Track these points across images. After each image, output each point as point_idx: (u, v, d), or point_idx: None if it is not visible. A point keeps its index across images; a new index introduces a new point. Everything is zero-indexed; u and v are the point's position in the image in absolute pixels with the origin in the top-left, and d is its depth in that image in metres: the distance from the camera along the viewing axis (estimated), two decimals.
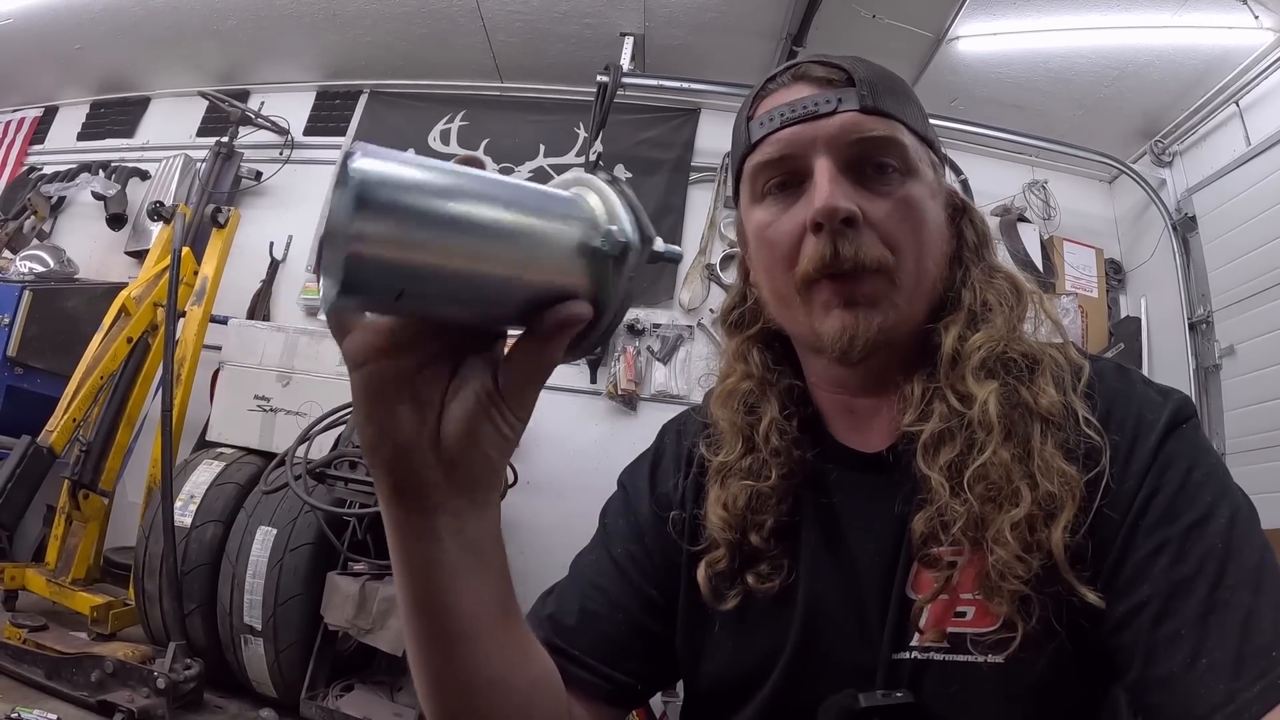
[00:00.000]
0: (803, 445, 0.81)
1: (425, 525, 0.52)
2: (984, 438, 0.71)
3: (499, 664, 0.62)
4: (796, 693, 0.77)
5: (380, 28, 4.37)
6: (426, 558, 0.54)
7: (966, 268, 0.80)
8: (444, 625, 0.58)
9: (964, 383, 0.73)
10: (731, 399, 0.85)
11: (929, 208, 0.77)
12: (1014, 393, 0.73)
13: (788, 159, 0.75)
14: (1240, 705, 0.57)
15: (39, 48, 4.78)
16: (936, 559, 0.72)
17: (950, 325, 0.77)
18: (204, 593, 2.87)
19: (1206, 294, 3.70)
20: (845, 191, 0.73)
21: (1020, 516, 0.67)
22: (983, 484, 0.70)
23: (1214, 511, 0.65)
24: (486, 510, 0.55)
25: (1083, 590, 0.66)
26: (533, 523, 3.78)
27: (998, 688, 0.69)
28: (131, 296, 3.50)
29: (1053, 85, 3.92)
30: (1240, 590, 0.61)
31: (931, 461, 0.72)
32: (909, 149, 0.75)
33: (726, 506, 0.79)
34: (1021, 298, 0.79)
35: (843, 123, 0.73)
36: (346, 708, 2.72)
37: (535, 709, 0.69)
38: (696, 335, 4.19)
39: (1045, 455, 0.69)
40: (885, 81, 0.77)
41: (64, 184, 4.96)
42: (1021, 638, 0.67)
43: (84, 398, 3.31)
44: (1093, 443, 0.70)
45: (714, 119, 4.48)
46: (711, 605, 0.81)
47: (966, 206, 0.84)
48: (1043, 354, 0.75)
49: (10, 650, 2.64)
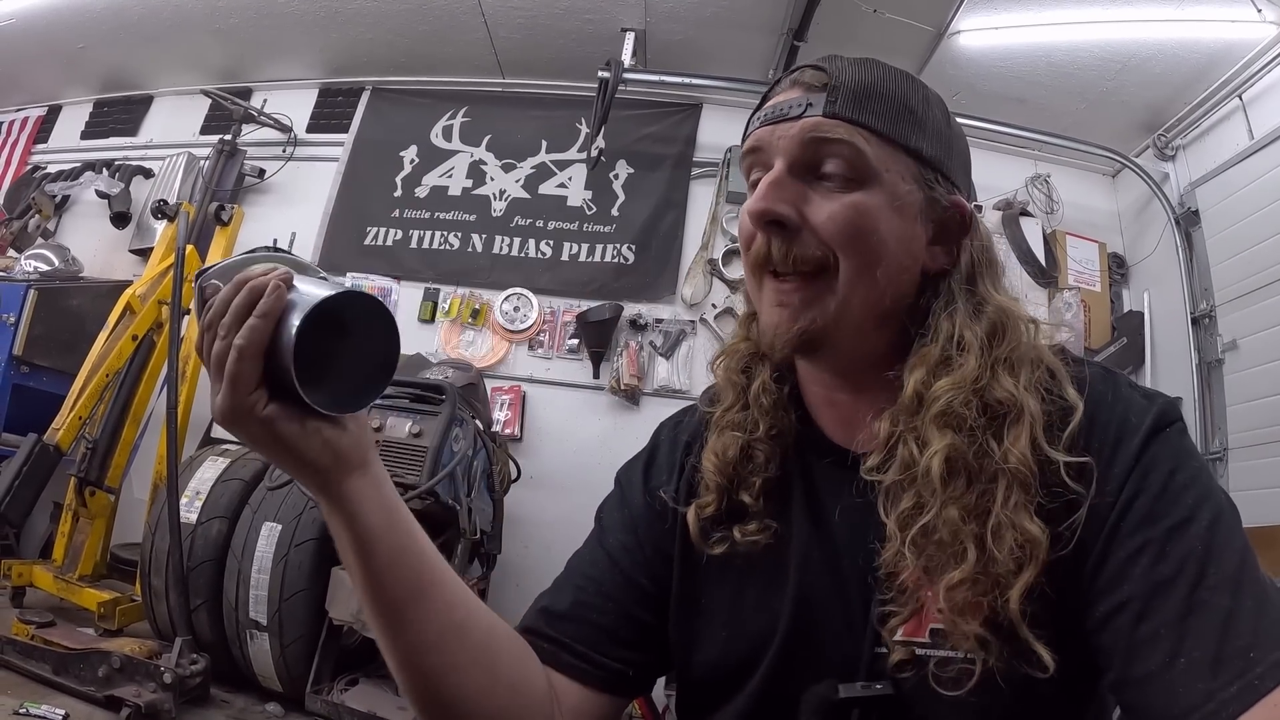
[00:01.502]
0: (789, 411, 0.84)
1: (343, 491, 0.69)
2: (929, 495, 0.70)
3: (459, 607, 0.76)
4: (785, 682, 0.78)
5: (382, 25, 4.38)
6: (351, 522, 0.70)
7: (952, 295, 0.78)
8: (414, 575, 0.73)
9: (925, 429, 0.72)
10: (731, 358, 0.89)
11: (884, 219, 0.74)
12: (976, 445, 0.71)
13: (759, 156, 0.79)
14: (1218, 705, 0.57)
15: (42, 47, 4.79)
16: (904, 587, 0.72)
17: (917, 365, 0.75)
18: (210, 588, 2.88)
19: (1209, 288, 3.69)
20: (784, 194, 0.75)
21: (959, 579, 0.67)
22: (927, 541, 0.70)
23: (1196, 514, 0.66)
24: (370, 474, 0.71)
25: (1039, 649, 0.66)
26: (535, 517, 3.80)
27: (977, 682, 0.69)
28: (136, 294, 3.51)
29: (1055, 79, 3.91)
30: (1220, 592, 0.61)
31: (890, 510, 0.73)
32: (868, 156, 0.74)
33: (718, 454, 0.83)
34: (1008, 335, 0.76)
35: (802, 126, 0.75)
36: (351, 702, 2.73)
37: (498, 657, 0.79)
38: (699, 330, 4.20)
39: (1004, 516, 0.68)
40: (872, 87, 0.76)
41: (68, 183, 4.98)
42: (981, 670, 0.68)
43: (89, 395, 3.32)
44: (1074, 496, 0.69)
45: (716, 114, 4.48)
46: (699, 547, 0.83)
47: (968, 227, 0.80)
48: (1023, 402, 0.72)
49: (18, 646, 2.65)
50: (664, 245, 4.35)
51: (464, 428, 3.01)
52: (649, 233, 4.37)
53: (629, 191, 4.46)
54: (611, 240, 4.39)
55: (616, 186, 4.48)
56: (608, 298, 4.24)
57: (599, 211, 4.45)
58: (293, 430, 0.65)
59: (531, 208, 4.51)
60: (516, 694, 0.78)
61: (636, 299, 4.25)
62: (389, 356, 0.69)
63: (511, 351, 4.28)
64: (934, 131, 0.79)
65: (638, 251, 4.35)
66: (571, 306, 4.29)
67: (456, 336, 4.30)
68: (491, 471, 3.23)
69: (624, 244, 4.37)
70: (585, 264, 4.38)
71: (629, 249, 4.36)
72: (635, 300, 4.25)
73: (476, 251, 4.46)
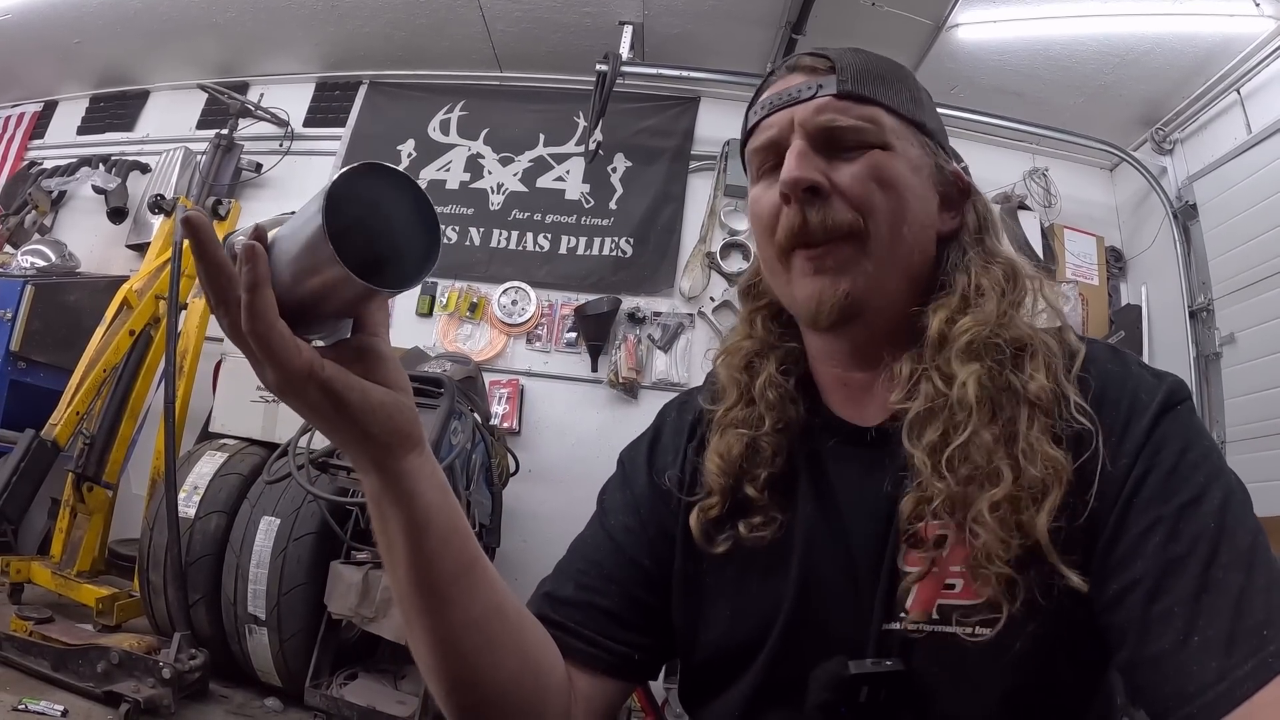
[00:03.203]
0: (797, 403, 0.84)
1: (403, 468, 0.64)
2: (964, 418, 0.72)
3: (497, 589, 0.73)
4: (791, 663, 0.77)
5: (379, 18, 4.36)
6: (410, 501, 0.65)
7: (964, 250, 0.81)
8: (453, 552, 0.69)
9: (949, 365, 0.74)
10: (733, 356, 0.89)
11: (904, 176, 0.78)
12: (1001, 376, 0.73)
13: (772, 141, 0.81)
14: (1232, 683, 0.57)
15: (38, 42, 4.77)
16: (923, 539, 0.73)
17: (939, 308, 0.78)
18: (208, 583, 2.89)
19: (1207, 282, 3.70)
20: (812, 164, 0.77)
21: (1000, 497, 0.68)
22: (963, 464, 0.71)
23: (1207, 492, 0.66)
24: (425, 452, 0.67)
25: (1067, 572, 0.67)
26: (535, 510, 3.80)
27: (986, 660, 0.69)
28: (133, 290, 3.50)
29: (1053, 72, 3.91)
30: (1233, 570, 0.61)
31: (916, 440, 0.73)
32: (885, 128, 0.78)
33: (722, 455, 0.83)
34: (1018, 283, 0.80)
35: (818, 105, 0.78)
36: (350, 696, 2.74)
37: (528, 639, 0.77)
38: (697, 323, 4.20)
39: (1031, 439, 0.70)
40: (873, 68, 0.80)
41: (64, 178, 4.97)
42: (1007, 618, 0.68)
43: (87, 391, 3.32)
44: (1083, 428, 0.71)
45: (714, 107, 4.47)
46: (702, 548, 0.83)
47: (971, 191, 0.85)
48: (1035, 339, 0.76)
49: (17, 643, 2.66)
50: (662, 238, 4.34)
51: (462, 421, 3.01)
52: (647, 226, 4.37)
53: (627, 185, 4.45)
54: (609, 234, 4.39)
55: (614, 180, 4.47)
56: (606, 291, 4.23)
57: (597, 205, 4.45)
58: (354, 396, 0.59)
59: (529, 201, 4.51)
60: (542, 675, 0.78)
61: (634, 292, 4.25)
62: (420, 206, 0.59)
63: (509, 345, 4.28)
64: (929, 109, 0.84)
65: (636, 245, 4.35)
66: (569, 300, 4.29)
67: (454, 330, 4.30)
68: (490, 465, 3.23)
69: (622, 237, 4.37)
70: (583, 257, 4.37)
71: (627, 242, 4.35)
72: (633, 293, 4.25)
73: (474, 245, 4.45)
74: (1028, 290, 0.80)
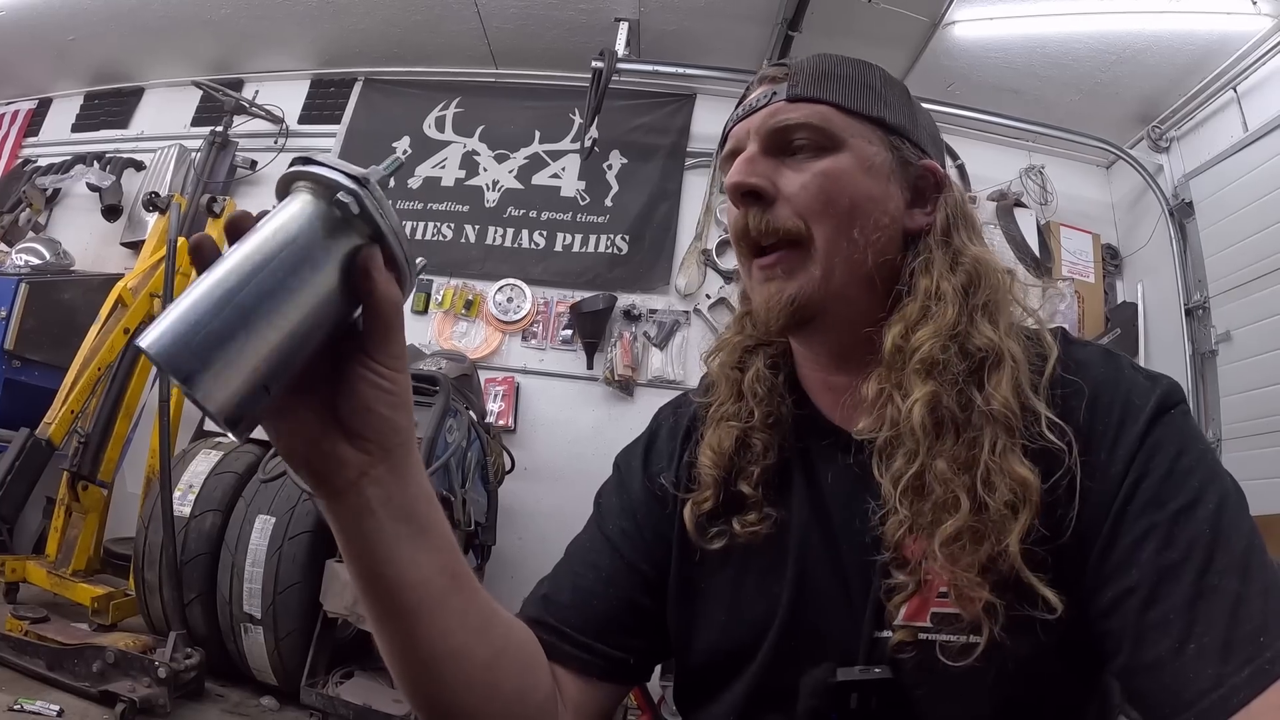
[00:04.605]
0: (785, 399, 0.84)
1: (358, 502, 0.59)
2: (914, 446, 0.71)
3: (458, 633, 0.68)
4: (785, 668, 0.77)
5: (374, 15, 4.35)
6: (365, 534, 0.60)
7: (930, 250, 0.78)
8: (397, 600, 0.64)
9: (908, 382, 0.73)
10: (724, 352, 0.90)
11: (854, 179, 0.77)
12: (960, 394, 0.71)
13: (732, 151, 0.83)
14: (1228, 690, 0.57)
15: (31, 39, 4.75)
16: (906, 560, 0.72)
17: (897, 320, 0.76)
18: (204, 582, 2.88)
19: (1203, 279, 3.70)
20: (756, 170, 0.78)
21: (952, 531, 0.67)
22: (918, 494, 0.70)
23: (1202, 497, 0.65)
24: (408, 474, 0.61)
25: (1045, 592, 0.66)
26: (530, 509, 3.80)
27: (976, 669, 0.69)
28: (128, 287, 3.49)
29: (1050, 70, 3.91)
30: (1228, 576, 0.61)
31: (884, 470, 0.73)
32: (830, 126, 0.78)
33: (714, 448, 0.83)
34: (983, 285, 0.76)
35: (768, 111, 0.80)
36: (346, 695, 2.73)
37: (501, 677, 0.73)
38: (693, 320, 4.20)
39: (993, 461, 0.68)
40: (827, 69, 0.81)
41: (59, 176, 4.95)
42: (988, 639, 0.67)
43: (82, 389, 3.31)
44: (1053, 444, 0.69)
45: (710, 104, 4.46)
46: (697, 545, 0.82)
47: (942, 186, 0.82)
48: (1001, 348, 0.73)
49: (12, 642, 2.65)
50: (658, 236, 4.34)
51: (458, 419, 3.00)
52: (643, 223, 4.36)
53: (623, 182, 4.45)
54: (605, 231, 4.38)
55: (610, 177, 4.46)
56: (601, 288, 4.23)
57: (592, 202, 4.44)
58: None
59: (525, 198, 4.50)
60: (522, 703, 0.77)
61: (630, 289, 4.25)
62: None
63: (505, 342, 4.27)
64: (895, 105, 0.82)
65: (631, 242, 4.34)
66: (565, 297, 4.28)
67: (450, 328, 4.30)
68: (486, 463, 3.23)
69: (618, 234, 4.36)
70: (579, 255, 4.37)
71: (623, 239, 4.35)
72: (629, 291, 4.24)
73: (470, 242, 4.44)
74: (998, 288, 0.77)
